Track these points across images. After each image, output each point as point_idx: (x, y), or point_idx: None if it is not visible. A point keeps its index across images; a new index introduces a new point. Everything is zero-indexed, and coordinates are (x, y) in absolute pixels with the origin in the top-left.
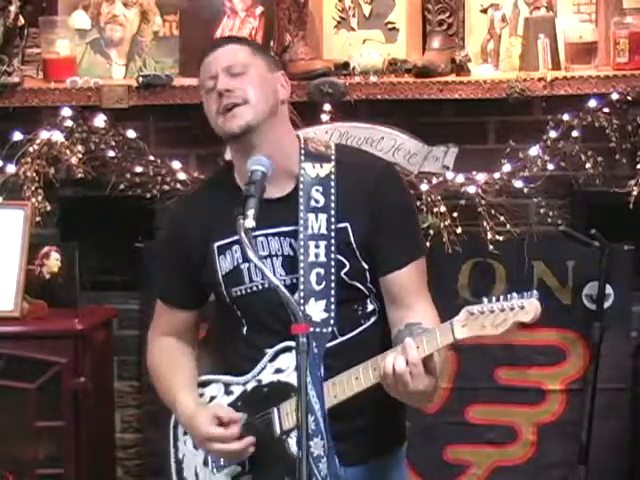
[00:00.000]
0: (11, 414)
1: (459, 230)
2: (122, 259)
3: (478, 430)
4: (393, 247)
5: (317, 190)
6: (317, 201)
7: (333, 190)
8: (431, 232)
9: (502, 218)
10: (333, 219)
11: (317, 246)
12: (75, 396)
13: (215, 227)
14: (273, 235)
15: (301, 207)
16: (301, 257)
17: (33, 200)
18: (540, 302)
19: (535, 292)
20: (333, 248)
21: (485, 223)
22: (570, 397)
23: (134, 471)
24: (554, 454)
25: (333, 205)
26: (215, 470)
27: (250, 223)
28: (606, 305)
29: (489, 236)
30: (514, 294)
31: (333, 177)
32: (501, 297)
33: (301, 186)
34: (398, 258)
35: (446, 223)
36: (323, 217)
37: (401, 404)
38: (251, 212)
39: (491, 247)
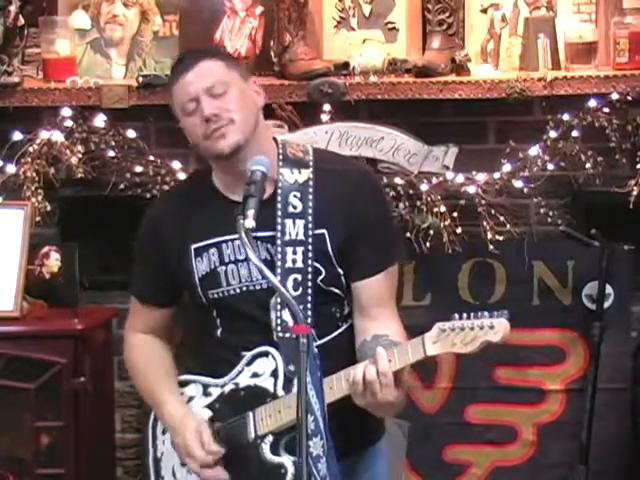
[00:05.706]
0: (11, 414)
1: (459, 230)
2: (122, 259)
3: (478, 430)
4: (366, 255)
5: (295, 196)
6: (295, 207)
7: (311, 196)
8: (431, 232)
9: (502, 218)
10: (310, 225)
11: (294, 252)
12: (75, 396)
13: (192, 229)
14: None
15: (279, 213)
16: (278, 263)
17: (33, 200)
18: (509, 321)
19: (505, 312)
20: (310, 254)
21: (485, 223)
22: (570, 397)
23: (134, 471)
24: (554, 454)
25: (311, 211)
26: (189, 473)
27: (250, 223)
28: (606, 305)
29: (489, 236)
30: (485, 313)
31: (311, 183)
32: (472, 314)
33: (279, 192)
34: (370, 266)
35: (446, 223)
36: (300, 223)
37: None
38: (251, 212)
39: (491, 247)
